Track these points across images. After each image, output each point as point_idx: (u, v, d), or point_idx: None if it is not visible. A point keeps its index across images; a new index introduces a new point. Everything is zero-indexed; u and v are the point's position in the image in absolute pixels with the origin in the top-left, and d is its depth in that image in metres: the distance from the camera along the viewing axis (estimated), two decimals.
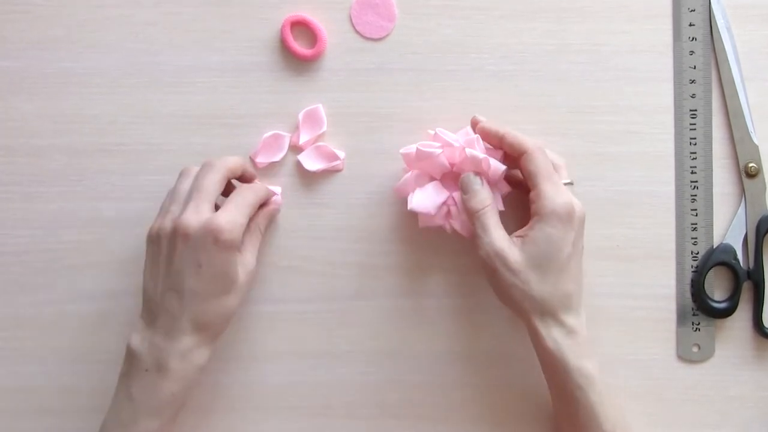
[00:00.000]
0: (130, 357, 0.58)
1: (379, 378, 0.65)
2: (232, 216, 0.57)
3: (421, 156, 0.60)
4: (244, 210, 0.59)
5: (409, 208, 0.61)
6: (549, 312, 0.58)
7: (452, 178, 0.62)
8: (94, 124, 0.66)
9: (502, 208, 0.61)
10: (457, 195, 0.61)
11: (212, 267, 0.57)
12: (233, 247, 0.57)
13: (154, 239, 0.59)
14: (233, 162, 0.61)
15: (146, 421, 0.57)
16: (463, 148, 0.60)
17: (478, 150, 0.60)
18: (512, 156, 0.60)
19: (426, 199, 0.61)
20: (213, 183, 0.59)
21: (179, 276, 0.57)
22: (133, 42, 0.66)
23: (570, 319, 0.58)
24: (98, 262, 0.65)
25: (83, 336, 0.66)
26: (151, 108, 0.66)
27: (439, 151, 0.60)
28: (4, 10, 0.66)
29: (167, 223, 0.58)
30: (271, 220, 0.65)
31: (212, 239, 0.56)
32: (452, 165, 0.61)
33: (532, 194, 0.59)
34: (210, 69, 0.66)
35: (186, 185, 0.60)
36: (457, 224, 0.61)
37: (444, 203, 0.61)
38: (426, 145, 0.61)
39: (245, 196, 0.60)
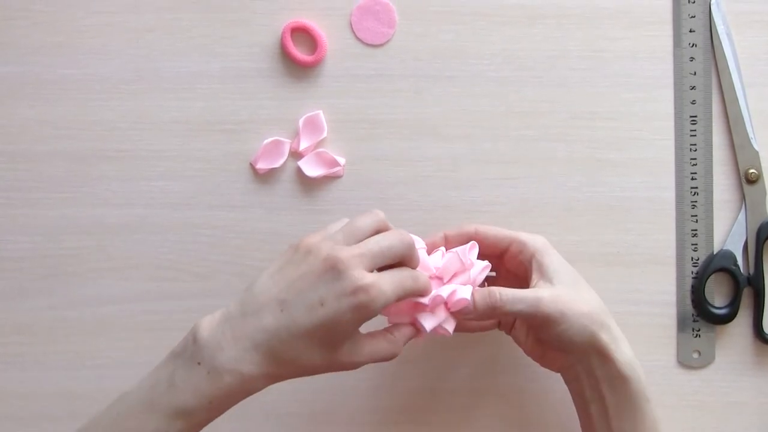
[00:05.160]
0: (192, 339, 0.51)
1: (380, 384, 0.65)
2: (387, 286, 0.51)
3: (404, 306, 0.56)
4: (398, 291, 0.52)
5: (427, 331, 0.55)
6: (605, 325, 0.56)
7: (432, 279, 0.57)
8: (94, 130, 0.66)
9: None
10: (438, 289, 0.56)
11: (330, 316, 0.50)
12: (365, 314, 0.51)
13: (299, 249, 0.52)
14: (404, 247, 0.53)
15: (172, 419, 0.50)
16: (447, 251, 0.57)
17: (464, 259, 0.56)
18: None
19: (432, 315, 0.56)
20: (385, 248, 0.52)
21: (297, 297, 0.51)
22: (134, 48, 0.66)
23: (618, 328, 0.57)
24: (98, 268, 0.65)
25: (83, 342, 0.66)
26: (151, 114, 0.66)
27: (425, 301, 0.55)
28: (5, 16, 0.66)
29: (325, 245, 0.52)
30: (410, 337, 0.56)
31: (351, 291, 0.50)
32: (436, 268, 0.57)
33: (507, 255, 0.59)
34: (210, 75, 0.66)
35: (368, 224, 0.54)
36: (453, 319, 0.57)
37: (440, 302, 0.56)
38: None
39: (407, 284, 0.53)
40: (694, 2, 0.65)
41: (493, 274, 0.61)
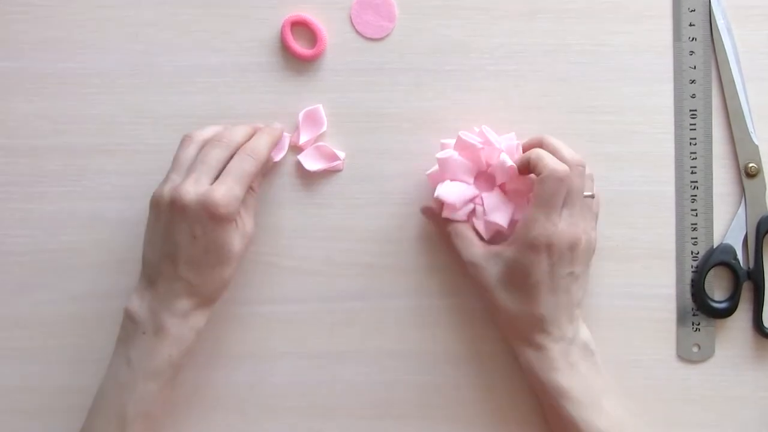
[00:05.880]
0: (128, 320, 0.59)
1: (380, 378, 0.65)
2: (229, 190, 0.57)
3: (461, 145, 0.61)
4: (242, 181, 0.58)
5: (435, 195, 0.61)
6: (519, 331, 0.60)
7: (485, 179, 0.62)
8: (93, 124, 0.66)
9: (505, 225, 0.62)
10: (486, 195, 0.61)
11: (207, 239, 0.57)
12: (229, 220, 0.57)
13: (154, 206, 0.59)
14: (241, 137, 0.60)
15: (144, 384, 0.57)
16: (500, 152, 0.61)
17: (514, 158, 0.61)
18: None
19: (455, 190, 0.61)
20: (218, 160, 0.58)
21: (175, 245, 0.57)
22: (133, 42, 0.66)
23: (540, 339, 0.59)
24: (97, 262, 0.65)
25: (82, 336, 0.66)
26: (150, 108, 0.66)
27: (480, 146, 0.61)
28: (3, 11, 0.66)
29: (167, 192, 0.58)
30: (267, 174, 0.65)
31: (207, 213, 0.56)
32: (488, 165, 0.62)
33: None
34: (210, 69, 0.65)
35: (190, 153, 0.60)
36: (480, 225, 0.62)
37: (471, 200, 0.61)
38: (468, 135, 0.61)
39: (245, 167, 0.58)
40: None
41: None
